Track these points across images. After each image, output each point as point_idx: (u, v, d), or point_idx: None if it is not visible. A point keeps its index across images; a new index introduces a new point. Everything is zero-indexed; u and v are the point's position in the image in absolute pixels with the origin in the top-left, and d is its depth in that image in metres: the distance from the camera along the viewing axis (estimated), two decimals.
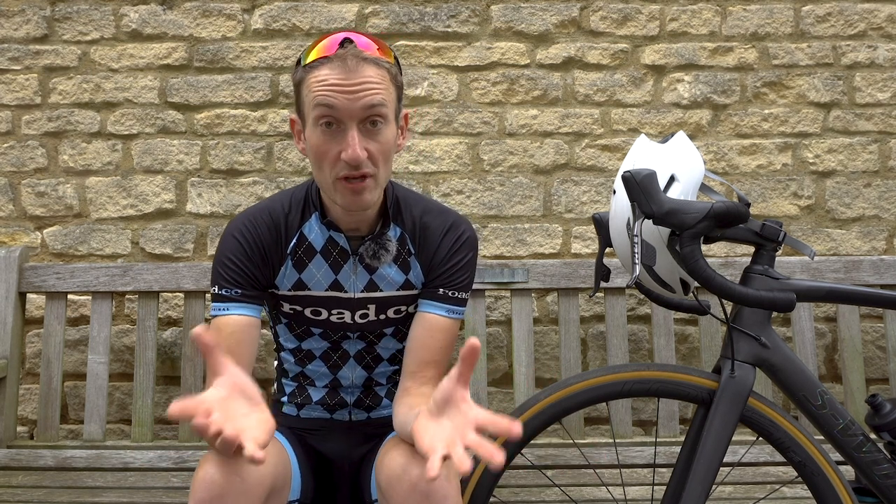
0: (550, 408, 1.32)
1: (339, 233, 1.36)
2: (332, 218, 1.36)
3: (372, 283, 1.38)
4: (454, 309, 1.37)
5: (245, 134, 2.40)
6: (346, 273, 1.38)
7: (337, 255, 1.38)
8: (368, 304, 1.40)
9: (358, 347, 1.44)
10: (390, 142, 1.27)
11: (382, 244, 1.36)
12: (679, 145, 1.32)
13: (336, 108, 1.20)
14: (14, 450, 2.04)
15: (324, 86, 1.21)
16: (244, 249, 1.34)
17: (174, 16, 2.41)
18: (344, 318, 1.40)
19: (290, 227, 1.37)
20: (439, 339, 1.35)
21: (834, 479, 1.28)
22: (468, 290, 1.39)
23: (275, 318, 1.47)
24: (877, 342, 2.38)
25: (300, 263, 1.38)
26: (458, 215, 1.42)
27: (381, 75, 1.23)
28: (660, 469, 2.00)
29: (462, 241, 1.38)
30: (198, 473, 1.15)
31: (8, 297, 2.10)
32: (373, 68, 1.22)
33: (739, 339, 1.30)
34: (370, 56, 1.23)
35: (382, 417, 1.50)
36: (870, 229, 2.41)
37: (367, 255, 1.37)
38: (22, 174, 2.40)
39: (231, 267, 1.33)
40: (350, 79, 1.20)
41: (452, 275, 1.37)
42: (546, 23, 2.41)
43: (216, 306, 1.33)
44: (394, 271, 1.39)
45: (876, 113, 2.41)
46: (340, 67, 1.20)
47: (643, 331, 2.39)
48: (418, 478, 1.14)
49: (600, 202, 2.41)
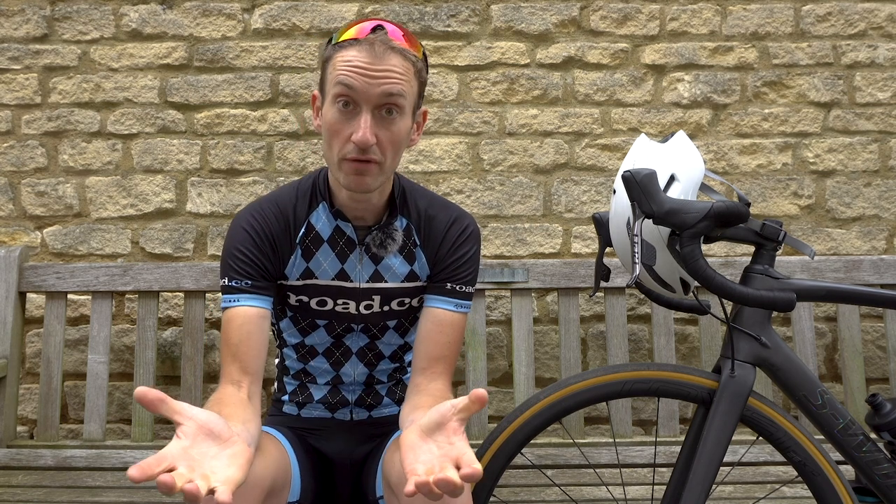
0: (550, 407, 1.32)
1: (347, 222, 1.37)
2: (339, 207, 1.37)
3: (377, 274, 1.39)
4: (461, 303, 1.38)
5: (245, 133, 2.40)
6: (353, 263, 1.39)
7: (343, 244, 1.38)
8: (373, 295, 1.40)
9: (360, 343, 1.45)
10: (402, 133, 1.28)
11: (389, 234, 1.38)
12: (679, 145, 1.32)
13: (355, 89, 1.22)
14: (14, 449, 2.04)
15: (348, 66, 1.23)
16: (253, 240, 1.34)
17: (174, 15, 2.41)
18: (349, 308, 1.41)
19: (298, 216, 1.38)
20: (448, 333, 1.36)
21: (834, 479, 1.28)
22: (474, 284, 1.41)
23: (279, 314, 1.47)
24: (877, 342, 2.38)
25: (308, 252, 1.38)
26: (461, 209, 1.43)
27: (405, 66, 1.25)
28: (660, 469, 2.00)
29: (467, 234, 1.40)
30: None
31: (8, 296, 2.10)
32: (398, 58, 1.24)
33: (739, 339, 1.30)
34: (398, 46, 1.24)
35: (384, 416, 1.51)
36: (870, 229, 2.41)
37: (373, 245, 1.38)
38: (22, 174, 2.40)
39: (241, 258, 1.33)
40: (375, 64, 1.22)
41: (458, 268, 1.39)
42: (546, 22, 2.41)
43: (226, 298, 1.33)
44: (399, 262, 1.40)
45: (876, 112, 2.41)
46: (368, 51, 1.22)
47: (643, 330, 2.39)
48: None
49: (600, 202, 2.41)
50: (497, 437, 1.33)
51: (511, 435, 1.32)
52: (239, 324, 1.30)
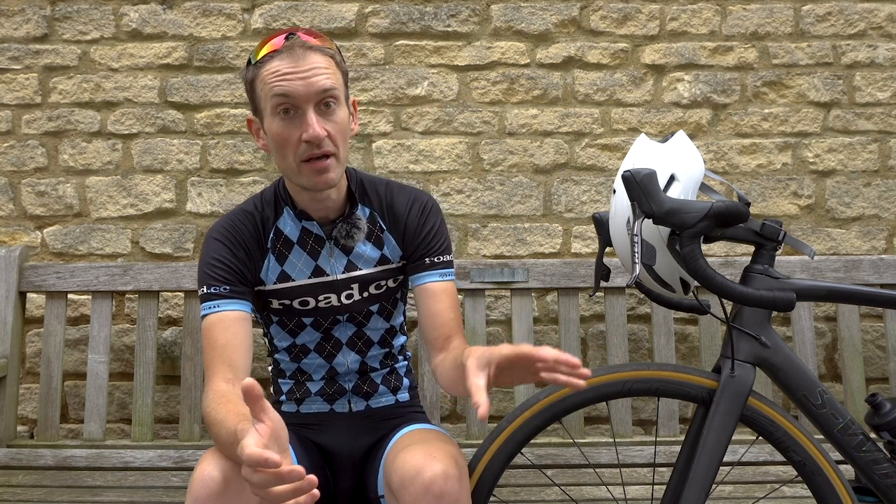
0: (550, 407, 1.33)
1: (312, 221, 1.43)
2: (302, 208, 1.42)
3: (350, 264, 1.45)
4: (445, 272, 1.45)
5: (245, 133, 2.40)
6: (325, 258, 1.44)
7: (313, 242, 1.44)
8: (352, 284, 1.45)
9: (349, 333, 1.48)
10: (345, 122, 1.35)
11: (353, 223, 1.43)
12: (679, 145, 1.32)
13: (292, 94, 1.29)
14: (14, 449, 2.04)
15: (277, 76, 1.29)
16: (227, 247, 1.40)
17: (174, 15, 2.41)
18: (331, 301, 1.45)
19: (265, 222, 1.44)
20: (444, 300, 1.43)
21: (834, 479, 1.28)
22: (450, 252, 1.48)
23: (266, 321, 1.50)
24: (877, 342, 2.38)
25: (281, 256, 1.44)
26: (417, 189, 1.51)
27: (327, 61, 1.32)
28: (660, 468, 2.00)
29: (428, 210, 1.47)
30: (196, 471, 1.16)
31: (8, 296, 2.10)
32: (318, 55, 1.31)
33: (739, 339, 1.30)
34: (315, 44, 1.32)
35: (382, 407, 1.53)
36: (869, 229, 2.41)
37: (340, 237, 1.43)
38: (22, 174, 2.40)
39: (217, 266, 1.38)
40: (300, 66, 1.29)
41: (430, 242, 1.45)
42: (546, 22, 2.41)
43: (206, 306, 1.36)
44: (369, 248, 1.45)
45: (876, 112, 2.41)
46: (290, 57, 1.29)
47: (643, 330, 2.39)
48: (431, 479, 1.18)
49: (600, 202, 2.41)
50: (497, 437, 1.33)
51: (511, 435, 1.32)
52: (225, 326, 1.34)
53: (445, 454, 1.23)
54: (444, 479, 1.17)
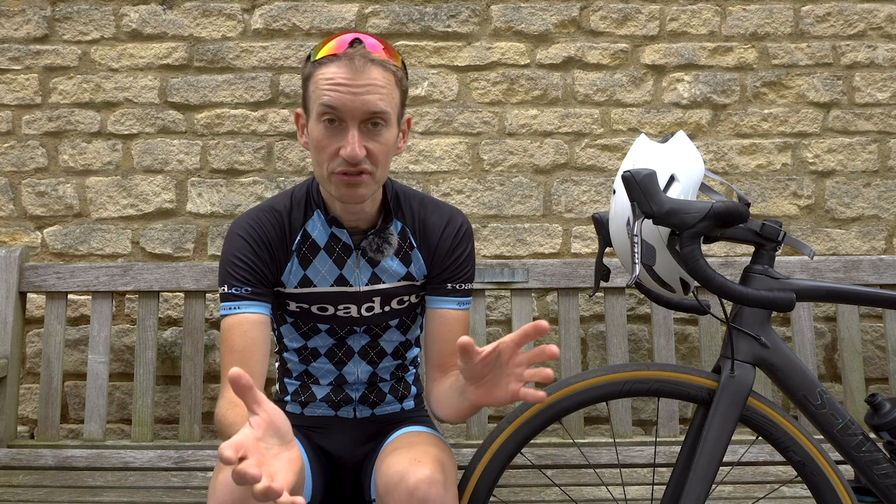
0: (550, 407, 1.33)
1: (342, 229, 1.38)
2: (334, 214, 1.38)
3: (375, 277, 1.41)
4: (464, 300, 1.43)
5: (245, 134, 2.40)
6: (350, 267, 1.40)
7: (340, 250, 1.39)
8: (374, 297, 1.42)
9: (363, 342, 1.46)
10: (390, 143, 1.29)
11: (385, 238, 1.39)
12: (679, 145, 1.32)
13: (339, 108, 1.23)
14: (14, 449, 2.04)
15: (330, 84, 1.23)
16: (251, 247, 1.35)
17: (174, 16, 2.41)
18: (350, 312, 1.42)
19: (293, 224, 1.39)
20: (456, 330, 1.41)
21: (833, 479, 1.28)
22: (472, 281, 1.45)
23: (279, 319, 1.47)
24: (876, 342, 2.38)
25: (305, 260, 1.39)
26: (452, 208, 1.46)
27: (386, 78, 1.25)
28: (660, 469, 2.00)
29: (462, 235, 1.43)
30: (217, 477, 1.15)
31: (8, 296, 2.11)
32: (379, 70, 1.24)
33: (739, 339, 1.30)
34: (377, 58, 1.25)
35: (386, 414, 1.51)
36: (869, 229, 2.41)
37: (370, 249, 1.39)
38: (22, 174, 2.40)
39: (239, 265, 1.34)
40: (356, 79, 1.22)
41: (457, 268, 1.42)
42: (546, 23, 2.41)
43: (226, 306, 1.34)
44: (396, 264, 1.41)
45: (875, 113, 2.41)
46: (348, 67, 1.23)
47: (643, 330, 2.39)
48: (415, 485, 1.17)
49: (600, 202, 2.41)
50: (497, 437, 1.33)
51: (511, 435, 1.32)
52: (243, 330, 1.31)
53: (431, 458, 1.22)
54: (427, 485, 1.17)
